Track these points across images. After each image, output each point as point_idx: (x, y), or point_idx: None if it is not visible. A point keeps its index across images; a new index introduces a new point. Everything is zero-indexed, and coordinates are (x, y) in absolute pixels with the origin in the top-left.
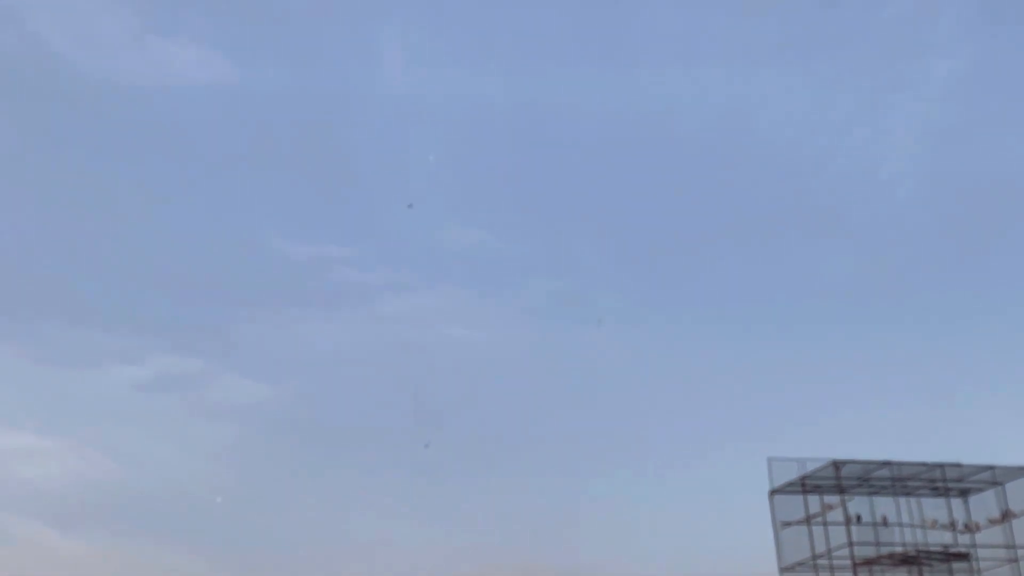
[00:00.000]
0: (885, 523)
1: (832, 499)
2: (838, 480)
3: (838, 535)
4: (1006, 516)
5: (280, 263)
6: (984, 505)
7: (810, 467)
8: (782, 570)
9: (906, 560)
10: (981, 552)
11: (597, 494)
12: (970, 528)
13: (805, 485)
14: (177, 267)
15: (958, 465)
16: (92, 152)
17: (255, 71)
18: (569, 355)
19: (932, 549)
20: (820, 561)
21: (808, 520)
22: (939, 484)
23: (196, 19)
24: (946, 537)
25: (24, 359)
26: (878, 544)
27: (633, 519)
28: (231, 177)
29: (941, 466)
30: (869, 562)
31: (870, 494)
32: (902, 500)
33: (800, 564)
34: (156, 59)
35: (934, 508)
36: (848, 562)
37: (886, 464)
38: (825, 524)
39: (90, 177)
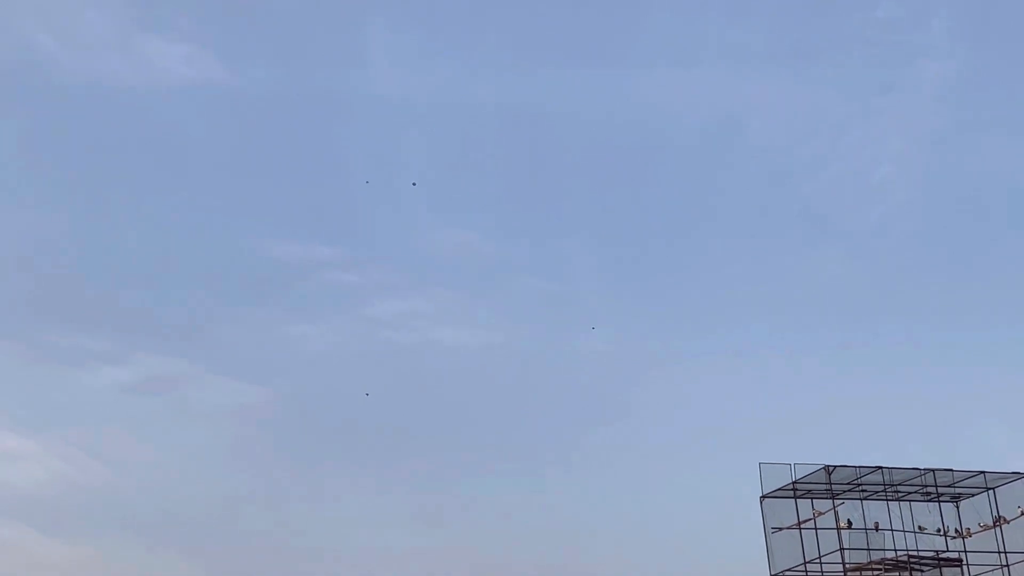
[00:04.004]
0: (876, 528)
1: (823, 504)
2: (829, 485)
3: (829, 541)
4: (997, 522)
5: (267, 264)
6: (976, 511)
7: (801, 472)
8: None
9: (897, 566)
10: (972, 558)
11: (588, 497)
12: (961, 534)
13: (796, 490)
14: (163, 267)
15: (950, 470)
16: (78, 152)
17: (243, 70)
18: (559, 357)
19: (923, 555)
20: (811, 567)
21: (799, 525)
22: (931, 489)
23: (183, 18)
24: (937, 543)
25: (6, 359)
26: (869, 550)
27: (624, 524)
28: (218, 177)
29: (933, 471)
30: (860, 568)
31: (861, 499)
32: (893, 505)
33: (791, 570)
34: (143, 58)
35: (925, 514)
36: (839, 568)
37: (877, 469)
38: (816, 529)
39: (76, 177)
